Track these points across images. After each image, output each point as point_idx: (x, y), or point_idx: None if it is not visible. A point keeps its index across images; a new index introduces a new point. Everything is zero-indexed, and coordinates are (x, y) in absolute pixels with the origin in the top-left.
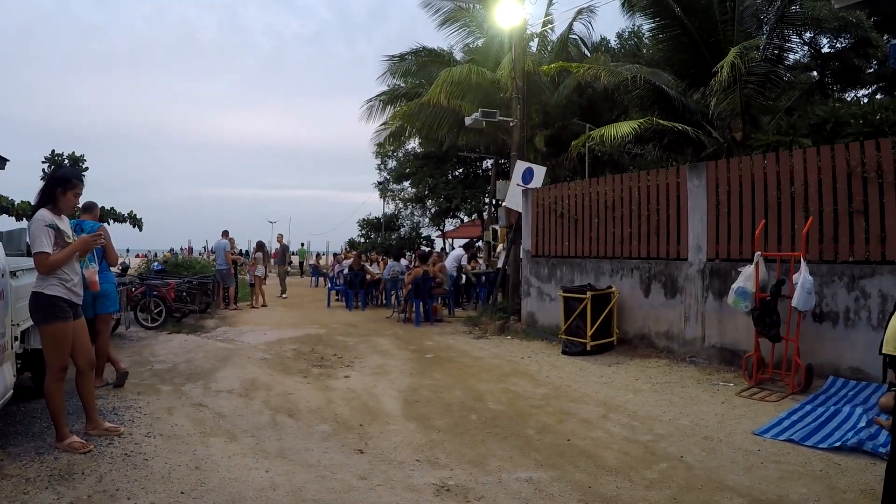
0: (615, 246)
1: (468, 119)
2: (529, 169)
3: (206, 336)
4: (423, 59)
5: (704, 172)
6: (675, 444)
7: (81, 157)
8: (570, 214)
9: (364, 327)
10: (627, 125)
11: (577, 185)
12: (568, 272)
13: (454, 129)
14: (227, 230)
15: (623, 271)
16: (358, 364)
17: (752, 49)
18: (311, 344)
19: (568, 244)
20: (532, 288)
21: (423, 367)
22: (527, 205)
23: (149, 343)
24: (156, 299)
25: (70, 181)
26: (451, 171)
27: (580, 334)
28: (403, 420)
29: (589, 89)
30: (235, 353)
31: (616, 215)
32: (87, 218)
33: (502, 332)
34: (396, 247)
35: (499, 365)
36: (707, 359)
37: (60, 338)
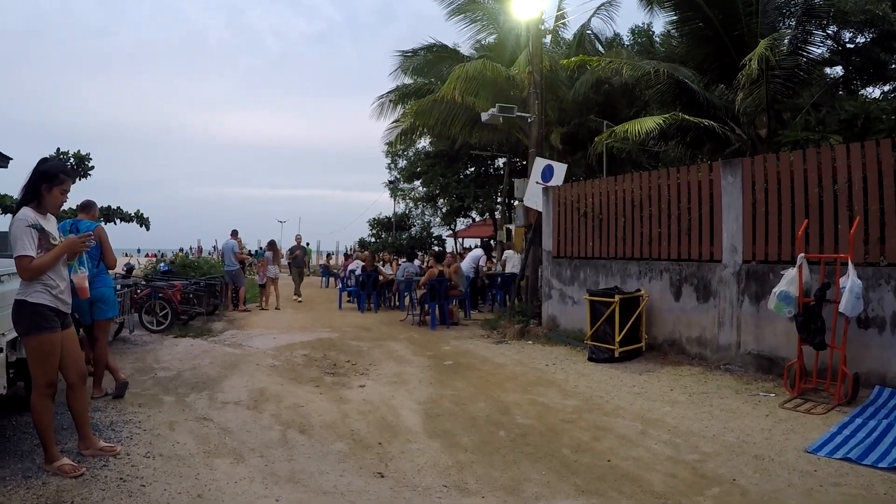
0: (643, 247)
1: (485, 115)
2: (549, 166)
3: (214, 340)
4: (436, 55)
5: (739, 169)
6: (724, 464)
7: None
8: (594, 213)
9: (378, 331)
10: (651, 120)
11: (601, 182)
12: (592, 274)
13: (467, 126)
14: (237, 230)
15: (651, 273)
16: (373, 371)
17: (780, 42)
18: (323, 349)
19: (592, 245)
20: (553, 290)
21: (443, 375)
22: (547, 203)
23: (153, 348)
24: (161, 301)
25: (56, 176)
26: (463, 170)
27: (608, 340)
28: (426, 437)
29: (606, 86)
30: (243, 360)
31: (644, 214)
32: (84, 217)
33: (522, 337)
34: (407, 246)
35: (523, 373)
36: (743, 366)
37: (47, 350)
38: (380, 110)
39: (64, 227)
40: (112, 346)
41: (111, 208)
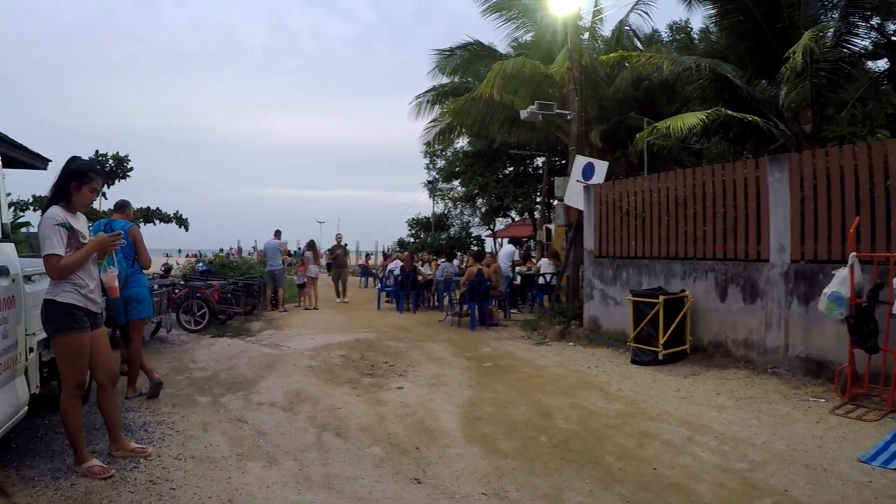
0: (687, 246)
1: (524, 112)
2: (590, 164)
3: (251, 340)
4: (472, 53)
5: (787, 165)
6: (775, 473)
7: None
8: (636, 212)
9: (416, 331)
10: (694, 116)
11: (644, 179)
12: (634, 274)
13: (506, 124)
14: (280, 230)
15: (696, 273)
16: (411, 373)
17: (824, 33)
18: (361, 350)
19: (635, 244)
20: (595, 291)
21: (483, 377)
22: (589, 202)
23: (190, 348)
24: (199, 301)
25: (86, 174)
26: (502, 170)
27: (651, 342)
28: (465, 442)
29: (646, 82)
30: (280, 360)
31: (688, 213)
32: (119, 217)
33: (563, 338)
34: (446, 246)
35: (564, 375)
36: (790, 370)
37: (76, 350)
38: (417, 110)
39: (98, 228)
40: (149, 346)
41: (150, 209)
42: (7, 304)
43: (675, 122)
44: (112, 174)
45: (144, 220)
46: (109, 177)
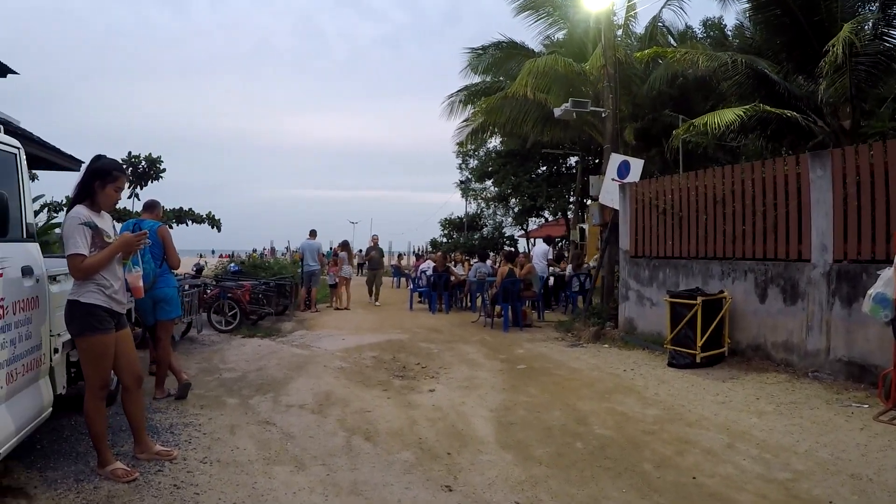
0: (726, 245)
1: (557, 110)
2: (625, 162)
3: (282, 341)
4: (504, 52)
5: (829, 161)
6: (819, 484)
7: (158, 159)
8: (673, 211)
9: (449, 333)
10: (731, 112)
11: (681, 178)
12: (671, 275)
13: (539, 123)
14: (315, 230)
15: (735, 274)
16: (444, 375)
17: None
18: (393, 351)
19: (672, 244)
20: (630, 292)
21: (516, 380)
22: (624, 201)
23: (220, 348)
24: (230, 301)
25: (110, 173)
26: (535, 169)
27: (689, 344)
28: (498, 447)
29: (680, 79)
30: (311, 361)
31: (727, 211)
32: (147, 217)
33: (598, 340)
34: (479, 246)
35: (599, 379)
36: (832, 374)
37: (100, 352)
38: (450, 109)
39: (126, 227)
40: (179, 346)
41: (183, 210)
42: (31, 305)
43: (712, 119)
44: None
45: (177, 221)
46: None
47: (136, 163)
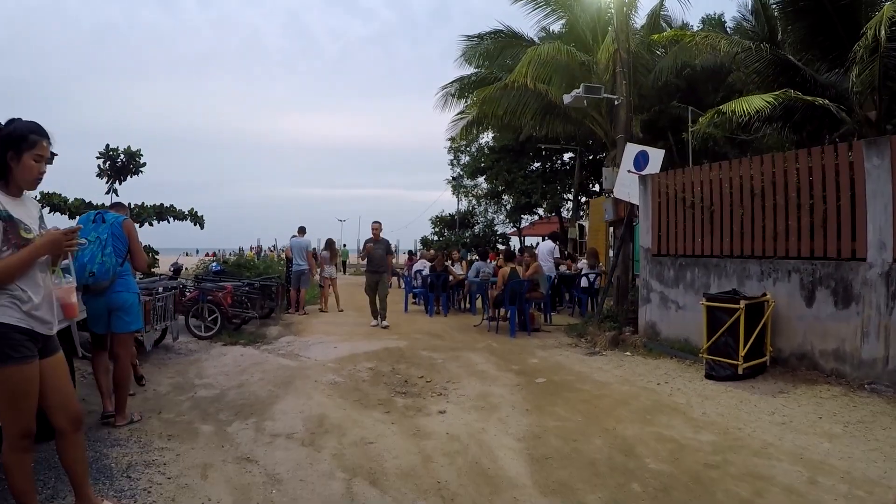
0: (766, 243)
1: (567, 97)
2: (643, 152)
3: (267, 349)
4: (502, 42)
5: (887, 149)
6: None
7: (138, 152)
8: (703, 204)
9: (451, 338)
10: (759, 99)
11: (712, 168)
12: (701, 275)
13: (538, 115)
14: (304, 227)
15: (776, 274)
16: (453, 392)
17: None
18: (392, 361)
19: (701, 241)
20: (653, 293)
21: (538, 396)
22: (645, 194)
23: (198, 358)
24: (210, 305)
25: (25, 138)
26: (529, 165)
27: (729, 354)
28: (538, 493)
29: (688, 70)
30: (300, 374)
31: (767, 204)
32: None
33: (616, 346)
34: (471, 244)
35: (633, 395)
36: (891, 385)
37: (17, 388)
38: (444, 101)
39: (85, 220)
40: (152, 357)
41: (164, 206)
42: None
43: (738, 105)
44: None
45: (158, 218)
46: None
47: (114, 156)
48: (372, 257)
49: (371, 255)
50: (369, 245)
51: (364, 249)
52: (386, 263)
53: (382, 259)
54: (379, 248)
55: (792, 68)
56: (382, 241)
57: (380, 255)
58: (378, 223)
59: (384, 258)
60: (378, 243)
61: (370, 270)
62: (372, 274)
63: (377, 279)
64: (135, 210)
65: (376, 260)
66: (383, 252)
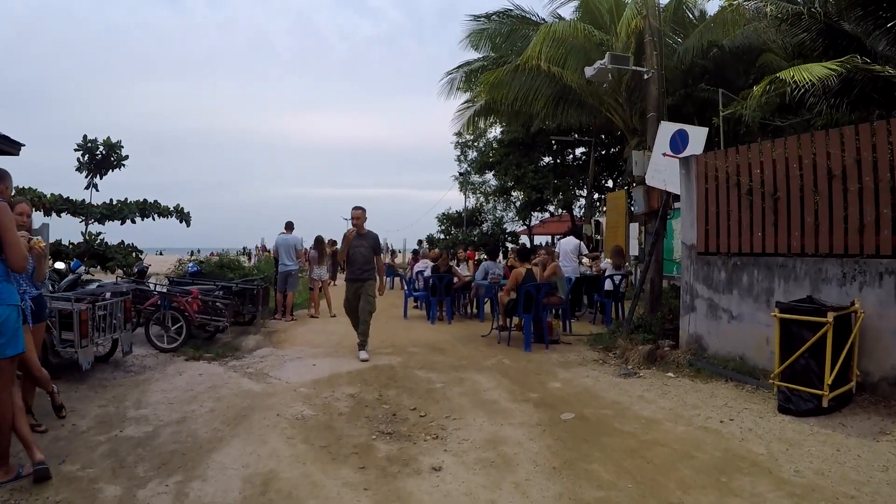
0: (849, 237)
1: (590, 69)
2: (681, 131)
3: (234, 366)
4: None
5: None
6: None
7: (118, 144)
8: (765, 190)
9: (454, 352)
10: (820, 67)
11: (777, 144)
12: (762, 278)
13: (551, 102)
14: (292, 222)
15: (864, 277)
16: (453, 434)
17: None
18: (379, 385)
19: (762, 235)
20: (698, 300)
21: (567, 444)
22: (689, 179)
23: (148, 378)
24: (173, 312)
25: None
26: (539, 159)
27: (811, 380)
28: None
29: (714, 51)
30: (261, 405)
31: (851, 188)
32: None
33: (653, 363)
34: (479, 243)
35: (694, 440)
36: None
37: None
38: (449, 87)
39: None
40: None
41: (147, 202)
42: None
43: (798, 73)
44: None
45: (141, 215)
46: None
47: (92, 148)
48: (353, 258)
49: (352, 255)
50: (350, 236)
51: (343, 245)
52: (373, 266)
53: (368, 260)
54: (363, 246)
55: (845, 38)
56: (368, 234)
57: (364, 254)
58: (361, 209)
59: (371, 259)
60: (362, 238)
61: (351, 277)
62: (353, 282)
63: (361, 289)
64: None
65: (359, 262)
66: (370, 250)
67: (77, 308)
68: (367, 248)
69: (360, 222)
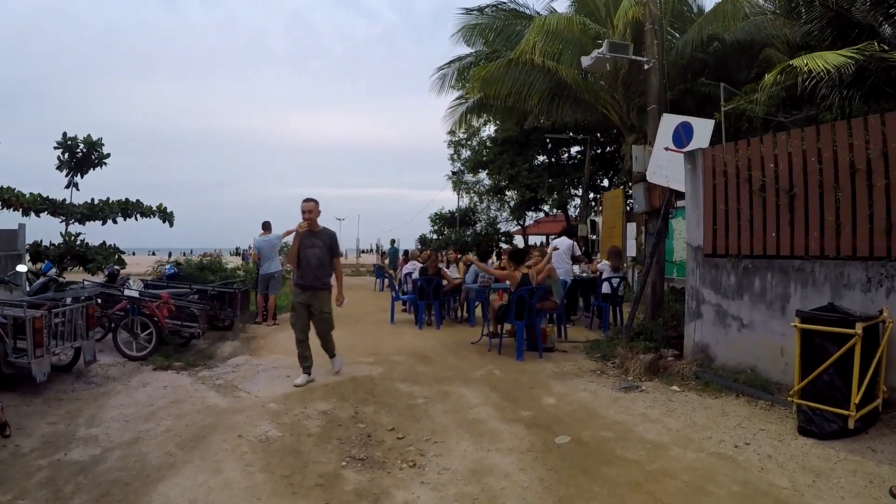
0: (875, 238)
1: (586, 59)
2: (685, 124)
3: (203, 376)
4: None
5: None
6: None
7: (99, 142)
8: (779, 186)
9: (441, 362)
10: (835, 55)
11: (793, 136)
12: (777, 283)
13: (545, 98)
14: (269, 222)
15: (892, 282)
16: (433, 460)
17: None
18: (356, 400)
19: (777, 236)
20: (705, 306)
21: (562, 475)
22: (695, 175)
23: (109, 390)
24: (142, 318)
25: None
26: (534, 158)
27: (835, 398)
28: None
29: (715, 44)
30: (223, 424)
31: (877, 184)
32: None
33: (655, 374)
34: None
35: (707, 470)
36: None
37: None
38: (440, 84)
39: None
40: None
41: (129, 202)
42: None
43: (812, 61)
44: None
45: (123, 215)
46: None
47: (73, 146)
48: (305, 261)
49: (303, 258)
50: (300, 232)
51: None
52: (329, 272)
53: (323, 263)
54: (316, 246)
55: (855, 28)
56: (323, 232)
57: (318, 256)
58: (313, 201)
59: (327, 263)
60: (315, 237)
61: (301, 284)
62: (303, 290)
63: (312, 301)
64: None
65: (312, 265)
66: (325, 252)
67: (30, 315)
68: (322, 248)
69: (313, 217)
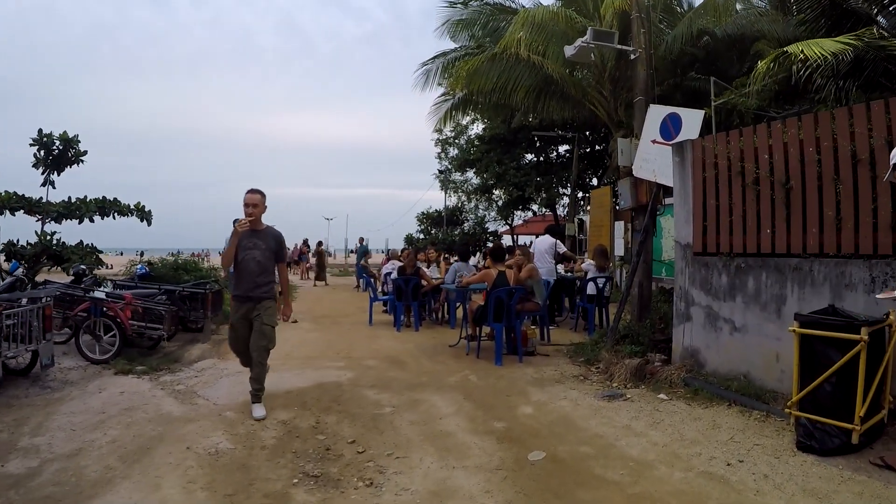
0: (879, 234)
1: (570, 49)
2: (674, 115)
3: (164, 382)
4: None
5: None
6: None
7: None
8: (774, 179)
9: (416, 367)
10: (832, 42)
11: (789, 125)
12: (772, 283)
13: (532, 94)
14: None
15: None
16: (392, 478)
17: None
18: (320, 408)
19: (772, 232)
20: (694, 308)
21: (532, 499)
22: (683, 168)
23: (63, 396)
24: (106, 320)
25: None
26: (521, 156)
27: (838, 410)
28: None
29: (706, 38)
30: (172, 434)
31: (881, 176)
32: None
33: (641, 380)
34: (460, 242)
35: (694, 492)
36: None
37: None
38: (424, 80)
39: None
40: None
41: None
42: None
43: (808, 48)
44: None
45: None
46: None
47: (48, 143)
48: (244, 266)
49: (242, 262)
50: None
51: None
52: (272, 280)
53: (266, 269)
54: (258, 248)
55: (850, 17)
56: (268, 232)
57: (259, 261)
58: (258, 193)
59: (269, 269)
60: (257, 237)
61: (239, 295)
62: (242, 302)
63: (253, 314)
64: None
65: (253, 271)
66: (268, 255)
67: None
68: (265, 251)
69: (258, 213)
